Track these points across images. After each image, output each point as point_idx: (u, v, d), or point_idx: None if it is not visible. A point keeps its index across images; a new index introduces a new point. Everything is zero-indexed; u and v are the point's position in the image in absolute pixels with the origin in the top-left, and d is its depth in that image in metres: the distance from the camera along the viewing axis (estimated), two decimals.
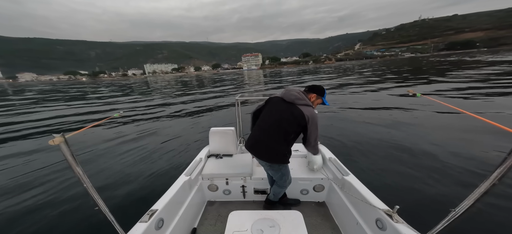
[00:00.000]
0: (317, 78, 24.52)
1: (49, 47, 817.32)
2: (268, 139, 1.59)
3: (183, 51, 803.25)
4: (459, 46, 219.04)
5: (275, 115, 1.62)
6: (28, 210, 2.90)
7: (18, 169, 4.25)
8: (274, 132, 1.58)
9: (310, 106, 1.59)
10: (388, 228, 1.30)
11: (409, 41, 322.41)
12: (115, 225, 1.05)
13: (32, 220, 2.69)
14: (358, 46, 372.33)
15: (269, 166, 1.69)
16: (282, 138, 1.57)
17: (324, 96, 1.72)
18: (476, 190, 0.80)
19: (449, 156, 3.58)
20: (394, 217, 1.28)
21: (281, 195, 1.98)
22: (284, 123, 1.56)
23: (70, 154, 0.84)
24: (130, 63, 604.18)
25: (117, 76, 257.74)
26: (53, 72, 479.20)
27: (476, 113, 0.93)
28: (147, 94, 19.32)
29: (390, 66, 37.70)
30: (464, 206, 0.83)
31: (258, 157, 1.67)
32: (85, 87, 42.41)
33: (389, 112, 6.82)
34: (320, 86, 1.73)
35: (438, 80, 13.26)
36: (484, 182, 0.78)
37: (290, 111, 1.56)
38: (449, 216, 0.88)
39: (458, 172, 3.11)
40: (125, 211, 2.65)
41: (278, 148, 1.58)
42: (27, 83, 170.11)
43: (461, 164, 3.31)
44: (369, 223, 1.49)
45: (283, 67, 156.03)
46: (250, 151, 1.70)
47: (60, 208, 2.88)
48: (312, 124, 1.54)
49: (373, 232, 1.44)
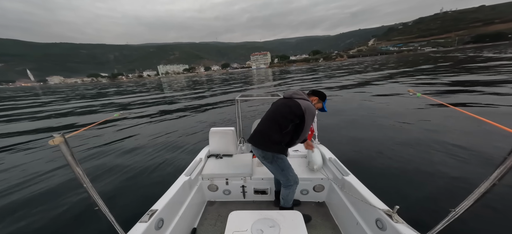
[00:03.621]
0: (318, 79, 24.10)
1: (74, 51, 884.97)
2: (264, 128, 1.69)
3: (194, 51, 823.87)
4: (488, 38, 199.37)
5: (272, 109, 1.76)
6: (28, 210, 2.92)
7: (19, 168, 4.29)
8: (270, 122, 1.68)
9: (308, 101, 1.66)
10: (388, 228, 1.30)
11: (430, 35, 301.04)
12: (115, 225, 1.05)
13: (32, 220, 2.72)
14: (372, 41, 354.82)
15: (263, 157, 1.70)
16: (277, 127, 1.62)
17: (324, 102, 1.81)
18: (476, 190, 0.80)
19: (449, 156, 3.57)
20: (394, 217, 1.28)
21: (291, 198, 1.85)
22: (278, 114, 1.65)
23: (70, 154, 0.85)
24: (145, 65, 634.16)
25: (133, 78, 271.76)
26: (78, 75, 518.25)
27: (476, 114, 0.93)
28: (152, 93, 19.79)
29: (407, 63, 35.50)
30: (464, 206, 0.83)
31: (255, 145, 1.69)
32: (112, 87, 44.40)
33: (389, 112, 6.70)
34: (322, 91, 1.81)
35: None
36: (484, 182, 0.78)
37: (286, 103, 1.66)
38: (449, 216, 0.88)
39: (458, 172, 3.10)
40: (125, 211, 2.62)
41: (272, 134, 1.63)
42: (56, 85, 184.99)
43: (461, 164, 3.30)
44: (369, 223, 1.49)
45: (292, 65, 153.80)
46: (250, 142, 1.75)
47: (60, 208, 2.89)
48: (309, 115, 1.58)
49: (373, 232, 1.44)
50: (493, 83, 9.68)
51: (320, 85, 16.41)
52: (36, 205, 3.02)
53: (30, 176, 3.91)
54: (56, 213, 2.81)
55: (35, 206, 3.00)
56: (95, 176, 3.70)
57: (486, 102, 6.59)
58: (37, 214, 2.82)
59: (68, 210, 2.84)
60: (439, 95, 8.56)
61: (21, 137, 7.20)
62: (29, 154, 5.26)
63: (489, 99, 6.98)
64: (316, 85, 16.80)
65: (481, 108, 6.21)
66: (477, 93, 8.08)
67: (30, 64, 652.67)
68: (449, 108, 1.17)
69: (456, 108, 1.09)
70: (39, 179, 3.77)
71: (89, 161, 4.41)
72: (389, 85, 12.41)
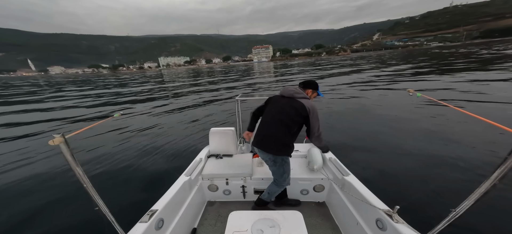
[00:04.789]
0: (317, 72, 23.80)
1: (75, 42, 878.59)
2: (275, 132, 1.65)
3: (195, 44, 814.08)
4: (497, 33, 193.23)
5: (277, 110, 1.69)
6: (28, 210, 2.91)
7: (20, 168, 4.22)
8: (278, 125, 1.64)
9: (309, 99, 1.70)
10: (389, 228, 1.29)
11: (437, 30, 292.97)
12: (115, 225, 1.05)
13: (32, 220, 2.71)
14: (377, 36, 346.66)
15: (273, 161, 1.70)
16: (286, 130, 1.62)
17: (318, 89, 1.84)
18: (476, 190, 0.80)
19: (450, 156, 3.54)
20: (394, 217, 1.28)
21: (275, 196, 1.93)
22: (286, 116, 1.63)
23: (70, 154, 0.85)
24: (146, 56, 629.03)
25: (134, 69, 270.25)
26: (79, 65, 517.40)
27: (476, 113, 0.92)
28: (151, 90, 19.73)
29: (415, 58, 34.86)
30: (464, 206, 0.83)
31: (266, 150, 1.67)
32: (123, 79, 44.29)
33: (389, 111, 6.63)
34: (313, 81, 1.82)
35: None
36: (485, 182, 0.78)
37: (291, 104, 1.64)
38: (450, 216, 0.88)
39: (458, 172, 3.08)
40: (125, 211, 2.57)
41: (282, 138, 1.63)
42: (57, 75, 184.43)
43: (461, 163, 3.28)
44: (369, 223, 1.49)
45: (294, 59, 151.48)
46: (258, 146, 1.72)
47: (60, 208, 2.90)
48: (313, 114, 1.62)
49: (373, 232, 1.44)
50: (493, 81, 9.53)
51: (322, 83, 16.23)
52: (36, 205, 3.03)
53: (30, 176, 3.88)
54: (56, 213, 2.82)
55: (35, 206, 3.00)
56: (94, 176, 3.67)
57: (486, 101, 6.51)
58: (38, 214, 2.82)
59: (68, 210, 2.84)
60: (439, 94, 8.47)
61: (21, 131, 7.21)
62: (30, 154, 5.17)
63: (488, 98, 6.89)
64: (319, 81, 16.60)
65: (481, 108, 6.15)
66: (477, 93, 7.97)
67: (31, 54, 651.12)
68: (449, 108, 1.16)
69: (455, 108, 1.06)
70: (39, 179, 3.76)
71: (89, 161, 4.40)
72: (389, 85, 12.21)
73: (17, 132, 7.21)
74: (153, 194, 1.71)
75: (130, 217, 1.38)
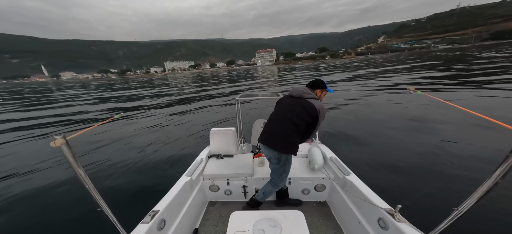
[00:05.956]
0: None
1: (85, 48, 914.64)
2: (283, 129, 1.65)
3: (199, 48, 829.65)
4: (508, 35, 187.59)
5: (287, 109, 1.70)
6: (29, 210, 2.93)
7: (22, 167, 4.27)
8: (287, 123, 1.64)
9: (318, 100, 1.70)
10: (391, 228, 1.29)
11: (445, 32, 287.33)
12: (117, 225, 1.05)
13: (33, 220, 2.72)
14: (382, 38, 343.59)
15: (277, 159, 1.69)
16: (295, 128, 1.62)
17: (327, 87, 1.83)
18: (479, 189, 0.80)
19: (451, 154, 3.49)
20: (396, 216, 1.27)
21: (269, 196, 1.92)
22: (295, 115, 1.62)
23: (71, 155, 0.84)
24: (152, 61, 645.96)
25: (141, 74, 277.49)
26: (89, 71, 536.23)
27: (478, 112, 0.91)
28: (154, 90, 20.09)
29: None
30: (467, 205, 0.83)
31: (272, 147, 1.66)
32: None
33: (389, 110, 6.55)
34: (320, 80, 1.81)
35: None
36: (487, 181, 0.77)
37: (300, 104, 1.64)
38: (452, 215, 0.87)
39: (460, 170, 3.03)
40: (127, 212, 2.40)
41: (290, 135, 1.63)
42: (68, 81, 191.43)
43: (463, 162, 3.23)
44: (371, 222, 1.48)
45: (298, 62, 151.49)
46: (264, 143, 1.71)
47: (62, 209, 2.90)
48: (322, 115, 1.62)
49: (375, 231, 1.43)
50: (492, 82, 9.22)
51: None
52: (37, 205, 3.05)
53: (31, 177, 3.91)
54: (58, 214, 2.82)
55: (35, 206, 3.02)
56: (96, 177, 3.69)
57: (486, 100, 6.36)
58: (38, 215, 2.83)
59: (70, 211, 2.85)
60: (440, 92, 8.31)
61: (21, 132, 7.33)
62: (32, 155, 5.19)
63: (489, 97, 6.71)
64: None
65: (480, 107, 6.00)
66: (476, 92, 7.75)
67: (44, 60, 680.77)
68: (450, 106, 1.16)
69: (457, 106, 1.07)
70: (41, 180, 3.79)
71: (91, 162, 4.43)
72: (389, 84, 12.06)
73: (20, 134, 7.29)
74: (154, 194, 1.71)
75: (132, 217, 1.39)
